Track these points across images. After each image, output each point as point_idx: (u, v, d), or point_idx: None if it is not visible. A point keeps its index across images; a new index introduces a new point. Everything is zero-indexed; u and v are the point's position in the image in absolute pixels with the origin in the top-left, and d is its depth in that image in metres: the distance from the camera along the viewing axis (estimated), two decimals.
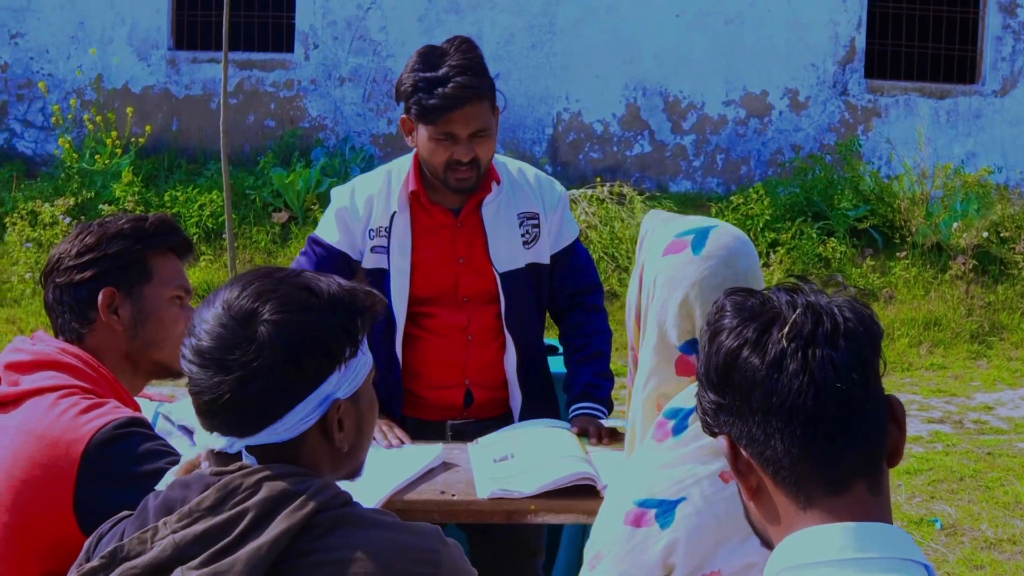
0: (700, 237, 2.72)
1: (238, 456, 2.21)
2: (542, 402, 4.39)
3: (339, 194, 4.32)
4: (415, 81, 4.00)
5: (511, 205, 4.26)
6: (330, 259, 4.24)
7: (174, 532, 2.13)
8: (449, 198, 4.21)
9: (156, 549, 2.12)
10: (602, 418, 4.19)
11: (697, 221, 2.79)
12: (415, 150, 4.19)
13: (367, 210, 4.23)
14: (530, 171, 4.39)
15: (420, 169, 4.21)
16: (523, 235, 4.27)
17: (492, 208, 4.23)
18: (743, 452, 1.92)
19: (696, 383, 2.03)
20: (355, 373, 2.27)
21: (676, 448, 2.62)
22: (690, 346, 2.69)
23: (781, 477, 1.88)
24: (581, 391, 4.25)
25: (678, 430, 2.64)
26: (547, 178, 4.42)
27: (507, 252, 4.25)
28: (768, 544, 1.96)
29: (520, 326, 4.32)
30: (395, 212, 4.20)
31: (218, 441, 2.22)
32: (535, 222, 4.29)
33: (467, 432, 4.23)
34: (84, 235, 2.97)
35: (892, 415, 1.92)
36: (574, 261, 4.40)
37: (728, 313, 1.96)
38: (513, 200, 4.27)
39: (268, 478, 2.14)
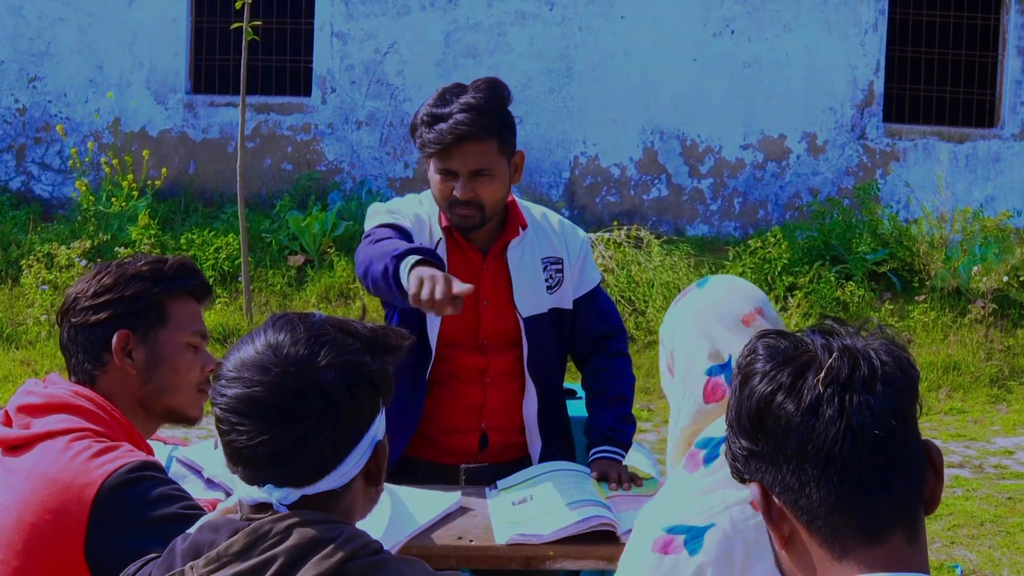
0: (702, 281, 2.92)
1: (270, 505, 2.16)
2: (560, 447, 4.34)
3: (389, 204, 4.21)
4: (424, 114, 3.98)
5: (535, 249, 4.22)
6: (409, 231, 4.06)
7: None
8: (477, 237, 4.16)
9: None
10: (622, 461, 4.14)
11: (697, 280, 3.04)
12: None
13: (415, 221, 4.16)
14: (554, 217, 4.36)
15: None
16: (547, 280, 4.23)
17: (517, 252, 4.19)
18: (776, 500, 1.87)
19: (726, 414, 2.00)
20: (383, 414, 2.26)
21: (707, 476, 2.63)
22: (718, 368, 2.76)
23: (816, 526, 1.83)
24: (602, 435, 4.20)
25: (709, 459, 2.66)
26: (570, 224, 4.39)
27: (531, 296, 4.21)
28: None
29: (542, 371, 4.27)
30: (440, 239, 4.15)
31: (271, 493, 2.15)
32: (559, 267, 4.25)
33: (481, 475, 4.16)
34: (102, 275, 2.93)
35: (930, 461, 1.87)
36: (597, 306, 4.36)
37: (760, 357, 1.90)
38: (537, 245, 4.23)
39: (298, 524, 2.09)
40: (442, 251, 4.15)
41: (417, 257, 3.62)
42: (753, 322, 2.78)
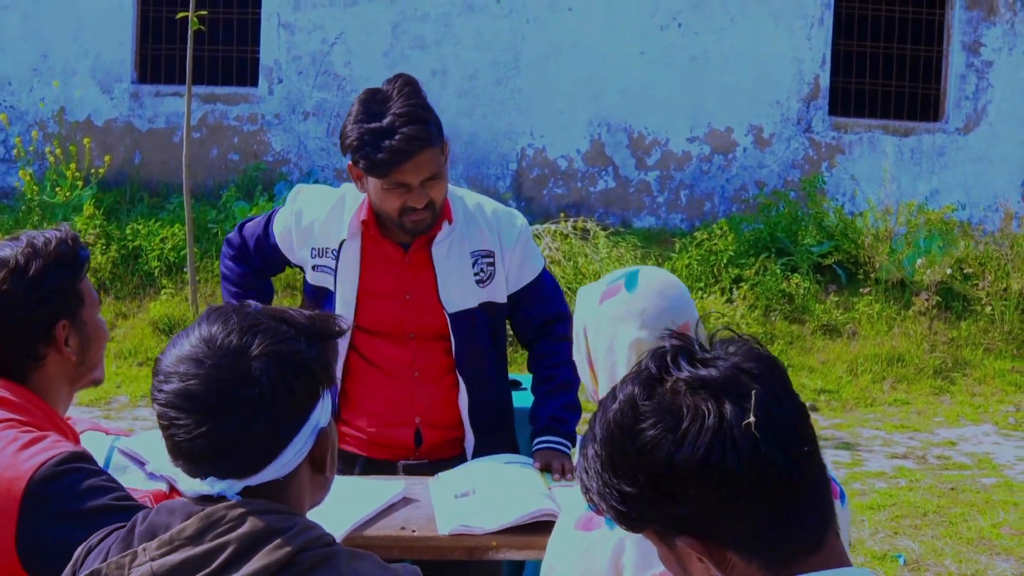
0: (631, 278, 2.83)
1: (224, 498, 2.16)
2: (498, 443, 4.28)
3: (293, 197, 4.27)
4: (360, 134, 3.90)
5: (464, 243, 4.17)
6: (267, 246, 4.30)
7: (152, 559, 2.09)
8: (400, 234, 4.13)
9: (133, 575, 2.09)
10: (566, 452, 4.13)
11: (623, 270, 2.92)
12: None
13: (309, 230, 4.19)
14: (489, 205, 4.29)
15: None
16: (476, 273, 4.18)
17: (443, 247, 4.15)
18: (682, 540, 1.86)
19: None
20: (328, 400, 2.25)
21: None
22: None
23: (754, 549, 1.83)
24: (546, 424, 4.18)
25: None
26: (507, 211, 4.32)
27: (459, 291, 4.17)
28: None
29: (473, 366, 4.23)
30: (344, 239, 4.15)
31: (213, 486, 2.16)
32: (490, 260, 4.20)
33: (419, 472, 4.13)
34: (28, 266, 2.81)
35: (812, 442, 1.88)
36: (540, 292, 4.32)
37: (643, 417, 1.85)
38: (467, 238, 4.18)
39: (252, 512, 2.10)
40: (355, 248, 4.15)
41: None
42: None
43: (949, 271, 11.75)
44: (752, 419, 1.79)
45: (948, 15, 13.62)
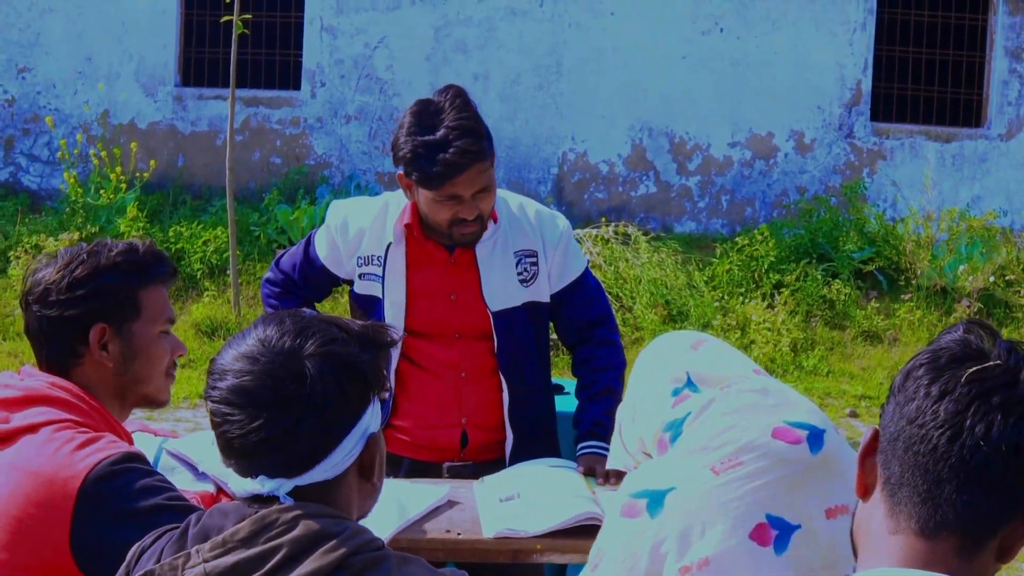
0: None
1: (274, 499, 2.19)
2: (538, 447, 4.29)
3: (334, 212, 4.32)
4: (414, 147, 3.93)
5: (507, 243, 4.21)
6: (313, 269, 4.39)
7: (206, 561, 2.12)
8: (444, 235, 4.18)
9: None
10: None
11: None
12: None
13: (357, 239, 4.23)
14: (531, 207, 4.33)
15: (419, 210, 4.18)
16: (520, 273, 4.21)
17: (487, 246, 4.18)
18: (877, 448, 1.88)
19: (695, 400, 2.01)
20: (379, 407, 2.28)
21: (673, 452, 2.74)
22: (681, 388, 2.89)
23: (889, 488, 1.83)
24: (589, 429, 4.20)
25: (675, 439, 2.76)
26: (549, 213, 4.35)
27: (502, 290, 4.20)
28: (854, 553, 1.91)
29: (515, 366, 4.26)
30: (391, 243, 4.18)
31: (264, 484, 2.19)
32: (533, 260, 4.23)
33: (463, 474, 4.16)
34: (75, 266, 2.87)
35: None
36: (583, 293, 4.34)
37: (951, 336, 1.88)
38: (510, 237, 4.22)
39: (304, 516, 2.13)
40: (401, 252, 4.18)
41: None
42: (701, 346, 2.89)
43: (991, 278, 11.70)
44: (974, 369, 1.80)
45: (991, 20, 13.56)
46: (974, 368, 1.80)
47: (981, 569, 1.81)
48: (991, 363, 1.81)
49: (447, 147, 3.89)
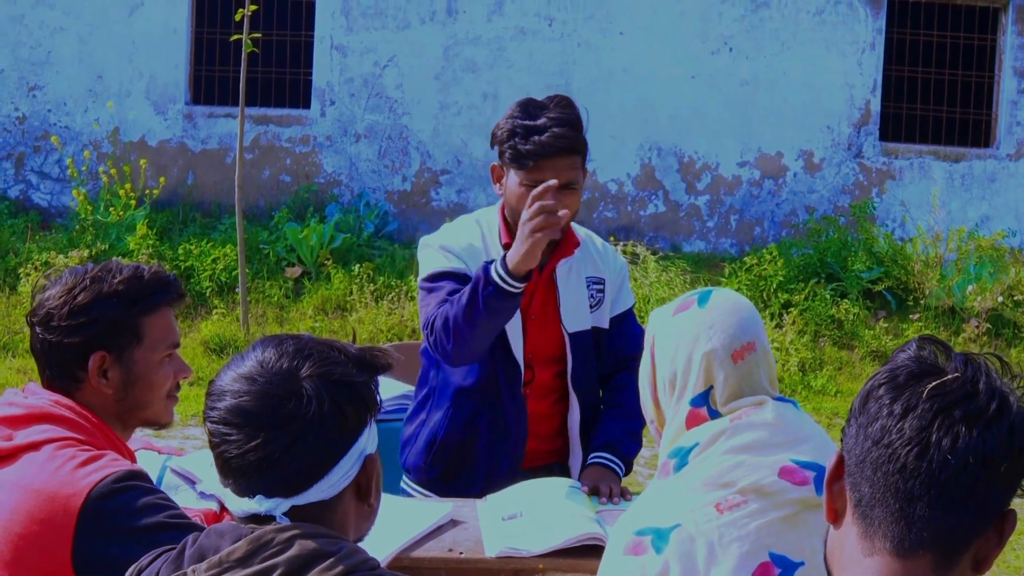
0: (704, 296, 2.93)
1: (271, 519, 2.20)
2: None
3: (433, 238, 4.26)
4: (513, 126, 4.01)
5: (581, 268, 4.29)
6: (461, 283, 4.13)
7: None
8: None
9: None
10: (618, 472, 4.17)
11: (699, 289, 3.03)
12: (500, 202, 4.21)
13: (469, 253, 4.19)
14: (597, 238, 4.44)
15: (507, 222, 4.20)
16: (589, 298, 4.29)
17: (565, 269, 4.25)
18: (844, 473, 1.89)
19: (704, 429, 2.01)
20: (375, 429, 2.30)
21: (676, 482, 2.73)
22: (701, 399, 2.82)
23: (861, 511, 1.85)
24: (605, 442, 4.25)
25: (679, 467, 2.76)
26: (611, 247, 4.48)
27: (576, 313, 4.27)
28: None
29: (584, 385, 4.33)
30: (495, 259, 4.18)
31: (261, 503, 2.20)
32: (600, 287, 4.32)
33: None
34: (76, 292, 2.87)
35: (999, 523, 1.84)
36: (628, 326, 4.42)
37: (906, 354, 1.91)
38: (583, 264, 4.30)
39: (300, 536, 2.13)
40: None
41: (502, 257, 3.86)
42: (741, 359, 2.84)
43: (1000, 298, 11.69)
44: (932, 384, 1.83)
45: (1000, 41, 13.57)
46: (934, 383, 1.83)
47: None
48: (950, 376, 1.84)
49: (544, 131, 3.97)
